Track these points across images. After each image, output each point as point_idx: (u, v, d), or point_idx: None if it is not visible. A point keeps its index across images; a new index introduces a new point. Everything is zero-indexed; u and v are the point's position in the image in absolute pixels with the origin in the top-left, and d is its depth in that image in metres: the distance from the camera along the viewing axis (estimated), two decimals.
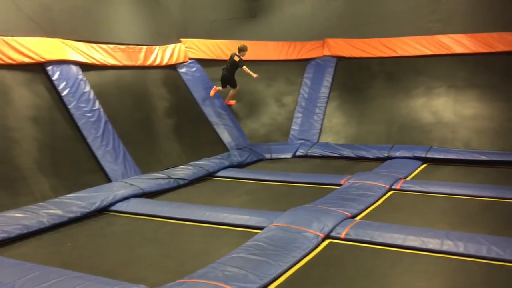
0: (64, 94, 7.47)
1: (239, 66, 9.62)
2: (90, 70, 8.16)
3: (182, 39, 10.47)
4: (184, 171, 7.81)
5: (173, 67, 10.08)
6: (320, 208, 5.65)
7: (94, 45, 8.36)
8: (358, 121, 10.34)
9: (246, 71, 9.57)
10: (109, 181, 7.15)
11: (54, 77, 7.49)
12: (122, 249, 5.06)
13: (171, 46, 10.08)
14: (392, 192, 6.80)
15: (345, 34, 11.05)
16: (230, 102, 10.47)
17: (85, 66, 8.06)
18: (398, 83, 10.40)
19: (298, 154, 9.71)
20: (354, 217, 5.63)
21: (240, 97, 10.53)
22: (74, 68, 7.85)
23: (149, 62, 9.40)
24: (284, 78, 11.17)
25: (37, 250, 5.02)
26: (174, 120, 9.24)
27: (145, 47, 9.40)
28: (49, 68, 7.50)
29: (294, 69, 11.20)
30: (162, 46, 9.83)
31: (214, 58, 10.76)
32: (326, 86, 10.83)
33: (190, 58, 10.48)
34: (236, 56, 9.70)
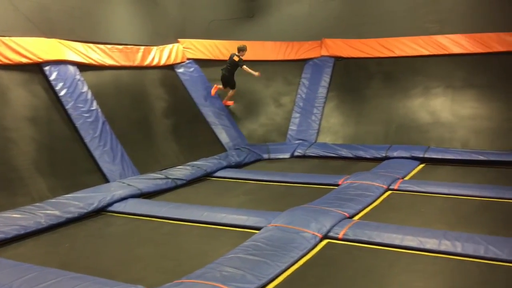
0: (61, 94, 7.46)
1: (239, 66, 9.65)
2: (88, 70, 8.15)
3: (180, 39, 10.47)
4: (182, 171, 7.81)
5: (171, 67, 10.07)
6: (318, 208, 5.66)
7: (91, 45, 8.35)
8: (356, 121, 10.35)
9: (247, 70, 9.60)
10: (106, 181, 7.14)
11: (52, 77, 7.48)
12: (120, 249, 5.06)
13: (169, 46, 10.07)
14: (390, 192, 6.81)
15: (342, 34, 11.06)
16: (228, 102, 10.47)
17: (82, 66, 8.05)
18: (395, 83, 10.41)
19: (296, 154, 9.71)
20: (352, 217, 5.63)
21: (238, 97, 10.53)
22: (72, 68, 7.84)
23: (146, 62, 9.39)
24: (282, 78, 11.17)
25: (34, 251, 5.01)
26: (172, 120, 9.23)
27: (143, 47, 9.39)
28: (46, 68, 7.49)
29: (292, 69, 11.20)
30: (160, 46, 9.82)
31: (212, 58, 10.77)
32: (324, 86, 10.84)
33: (188, 58, 10.47)
34: (235, 56, 9.72)
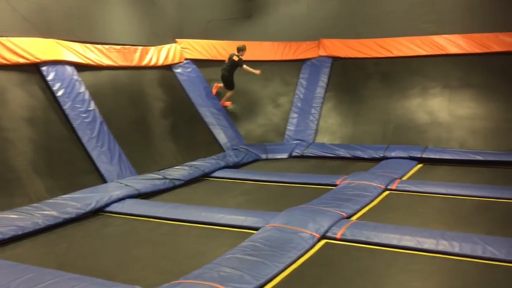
0: (59, 94, 7.44)
1: (239, 66, 9.68)
2: (85, 70, 8.13)
3: (177, 40, 10.46)
4: (179, 172, 7.80)
5: (168, 68, 10.06)
6: (316, 208, 5.66)
7: (89, 45, 8.34)
8: (354, 121, 10.36)
9: (247, 70, 9.65)
10: (104, 181, 7.13)
11: (49, 77, 7.46)
12: (117, 250, 5.05)
13: (167, 46, 10.06)
14: (387, 192, 6.81)
15: (340, 34, 11.06)
16: (226, 103, 10.48)
17: (80, 67, 8.04)
18: (393, 84, 10.42)
19: (294, 154, 9.71)
20: (349, 217, 5.63)
21: (235, 97, 10.54)
22: (69, 68, 7.82)
23: (144, 63, 9.38)
24: (279, 79, 11.17)
25: (32, 251, 5.00)
26: (169, 120, 9.23)
27: (140, 48, 9.38)
28: (44, 68, 7.47)
29: (289, 69, 11.20)
30: (157, 47, 9.81)
31: (210, 58, 10.76)
32: (321, 86, 10.84)
33: (185, 59, 10.47)
34: (235, 56, 9.77)
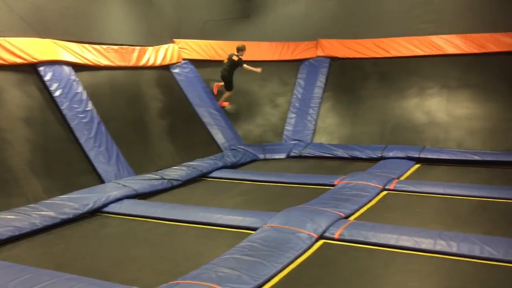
0: (56, 94, 7.43)
1: (240, 65, 9.71)
2: (83, 70, 8.12)
3: (175, 40, 10.45)
4: (177, 172, 7.79)
5: (166, 68, 10.05)
6: (314, 208, 5.66)
7: (86, 45, 8.32)
8: (352, 121, 10.36)
9: (248, 69, 9.70)
10: (102, 182, 7.12)
11: (46, 77, 7.45)
12: (115, 250, 5.04)
13: (165, 46, 10.05)
14: (385, 192, 6.82)
15: (338, 34, 11.07)
16: (224, 103, 10.48)
17: (77, 67, 8.02)
18: (391, 84, 10.43)
19: (292, 154, 9.71)
20: (347, 217, 5.63)
21: (233, 98, 10.54)
22: (67, 68, 7.81)
23: (142, 63, 9.37)
24: (277, 79, 11.17)
25: (29, 252, 4.99)
26: (167, 120, 9.21)
27: (138, 48, 9.37)
28: (41, 68, 7.45)
29: (287, 69, 11.20)
30: (155, 47, 9.80)
31: (208, 58, 10.76)
32: (319, 86, 10.84)
33: (183, 59, 10.46)
34: (235, 56, 9.81)
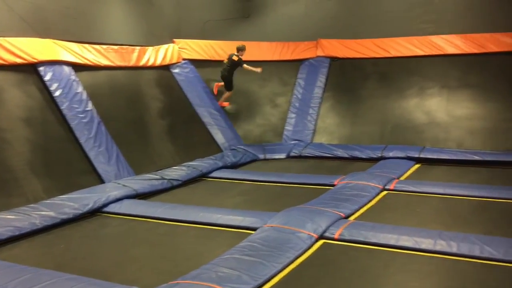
0: (56, 95, 7.43)
1: (240, 65, 9.71)
2: (83, 70, 8.12)
3: (175, 40, 10.45)
4: (177, 172, 7.79)
5: (166, 68, 10.05)
6: (314, 208, 5.66)
7: (86, 45, 8.32)
8: (352, 121, 10.36)
9: (248, 69, 9.70)
10: (102, 182, 7.12)
11: (46, 77, 7.45)
12: (115, 250, 5.04)
13: (165, 46, 10.05)
14: (385, 192, 6.82)
15: (338, 34, 11.07)
16: (224, 103, 10.48)
17: (77, 67, 8.02)
18: (391, 84, 10.43)
19: (292, 154, 9.71)
20: (347, 217, 5.63)
21: (233, 98, 10.54)
22: (67, 68, 7.81)
23: (142, 63, 9.37)
24: (277, 79, 11.17)
25: (29, 252, 4.99)
26: (167, 120, 9.21)
27: (138, 48, 9.37)
28: (41, 68, 7.45)
29: (287, 69, 11.20)
30: (155, 47, 9.80)
31: (208, 58, 10.76)
32: (319, 86, 10.84)
33: (183, 59, 10.46)
34: (235, 56, 9.81)
